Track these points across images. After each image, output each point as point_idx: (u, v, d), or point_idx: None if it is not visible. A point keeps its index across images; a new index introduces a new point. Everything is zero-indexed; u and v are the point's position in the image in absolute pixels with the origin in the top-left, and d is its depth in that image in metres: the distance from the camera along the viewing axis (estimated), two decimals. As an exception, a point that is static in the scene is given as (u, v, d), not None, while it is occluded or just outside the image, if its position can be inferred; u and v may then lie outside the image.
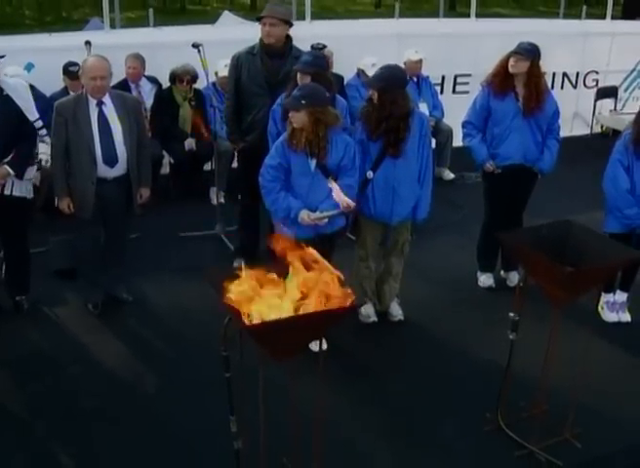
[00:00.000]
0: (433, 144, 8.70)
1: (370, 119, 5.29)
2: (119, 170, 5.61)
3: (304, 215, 5.00)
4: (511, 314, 4.34)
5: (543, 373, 4.36)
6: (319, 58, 5.54)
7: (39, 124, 5.55)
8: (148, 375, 5.13)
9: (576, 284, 4.03)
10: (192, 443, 4.41)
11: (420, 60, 8.68)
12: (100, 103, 5.51)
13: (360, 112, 5.40)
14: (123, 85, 7.79)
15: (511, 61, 5.76)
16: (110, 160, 5.54)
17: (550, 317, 4.20)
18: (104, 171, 5.55)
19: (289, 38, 6.01)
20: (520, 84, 5.83)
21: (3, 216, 5.54)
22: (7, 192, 5.48)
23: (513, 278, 6.30)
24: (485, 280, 6.38)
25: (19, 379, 5.07)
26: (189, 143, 8.02)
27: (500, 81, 5.85)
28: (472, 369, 5.22)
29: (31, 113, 5.53)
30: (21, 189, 5.56)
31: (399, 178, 5.33)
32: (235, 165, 7.39)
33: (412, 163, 5.36)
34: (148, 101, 8.07)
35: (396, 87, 5.21)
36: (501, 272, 6.43)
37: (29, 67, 7.42)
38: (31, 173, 5.66)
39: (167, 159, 8.36)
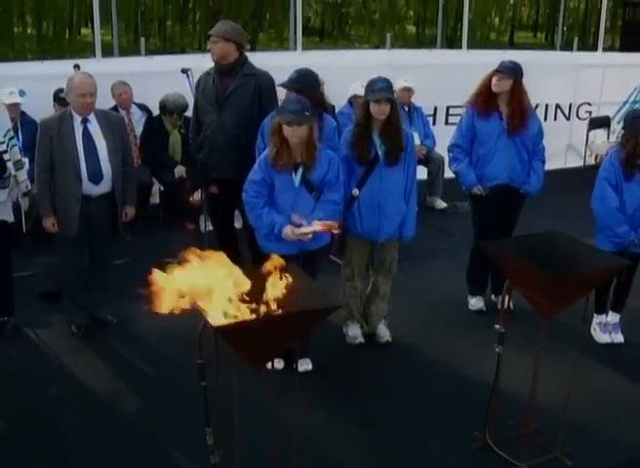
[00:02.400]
0: (425, 174, 8.84)
1: (358, 143, 5.28)
2: (104, 187, 5.58)
3: (289, 231, 4.93)
4: (497, 326, 4.26)
5: (532, 391, 4.30)
6: (305, 76, 5.52)
7: (3, 148, 5.41)
8: (130, 395, 5.05)
9: (560, 292, 3.95)
10: (171, 460, 4.33)
11: (410, 89, 8.70)
12: (84, 121, 5.50)
13: (349, 135, 5.38)
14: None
15: (494, 80, 5.77)
16: (95, 177, 5.51)
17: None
18: (89, 188, 5.52)
19: (242, 56, 6.07)
20: (503, 103, 5.82)
21: None
22: None
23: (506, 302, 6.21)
24: (475, 303, 6.29)
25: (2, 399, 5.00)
26: (179, 171, 7.98)
27: (484, 101, 5.85)
28: (461, 388, 5.12)
29: None
30: None
31: (385, 195, 5.30)
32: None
33: (398, 179, 5.34)
34: (139, 129, 8.08)
35: (392, 97, 5.29)
36: (492, 296, 6.35)
37: (22, 94, 7.42)
38: (1, 196, 5.51)
39: (157, 187, 8.32)
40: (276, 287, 3.41)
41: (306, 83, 5.44)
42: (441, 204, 9.03)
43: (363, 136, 5.29)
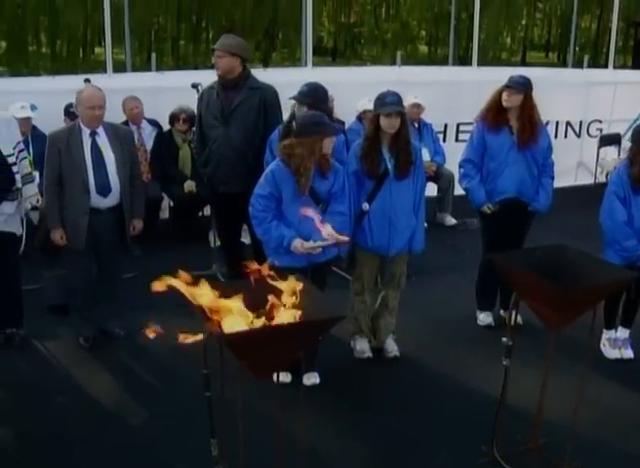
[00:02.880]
0: (435, 190, 8.83)
1: (368, 157, 5.28)
2: (112, 200, 5.59)
3: (298, 244, 4.91)
4: (504, 339, 4.24)
5: (540, 405, 4.27)
6: (316, 90, 5.54)
7: (12, 160, 5.43)
8: (135, 407, 5.05)
9: (568, 304, 3.92)
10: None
11: (420, 105, 8.71)
12: (93, 133, 5.53)
13: (358, 149, 5.38)
14: (123, 127, 7.84)
15: (505, 96, 5.77)
16: (103, 190, 5.53)
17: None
18: (98, 201, 5.54)
19: (245, 70, 6.12)
20: (514, 117, 5.81)
21: None
22: None
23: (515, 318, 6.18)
24: (484, 318, 6.26)
25: (4, 408, 5.02)
26: (189, 186, 8.00)
27: (494, 116, 5.85)
28: (468, 402, 5.09)
29: (5, 148, 5.41)
30: (0, 224, 5.49)
31: (395, 209, 5.30)
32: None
33: (408, 193, 5.34)
34: (149, 144, 8.12)
35: (403, 109, 5.31)
36: (501, 311, 6.31)
37: (33, 108, 7.48)
38: (9, 208, 5.52)
39: (166, 202, 8.35)
40: (284, 299, 3.42)
41: (317, 97, 5.47)
42: (451, 220, 9.02)
43: (373, 149, 5.28)
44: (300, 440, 3.62)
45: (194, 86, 6.80)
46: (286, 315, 3.35)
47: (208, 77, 6.53)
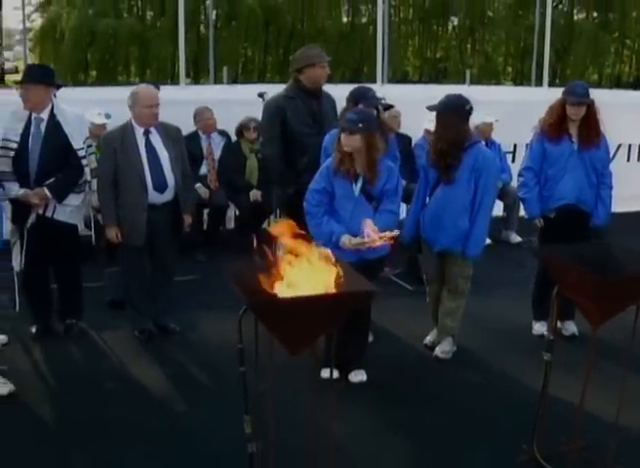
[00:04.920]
0: (501, 209, 8.79)
1: (432, 146, 5.44)
2: (168, 195, 5.77)
3: (346, 240, 5.01)
4: (545, 332, 4.20)
5: (579, 405, 4.17)
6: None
7: (82, 153, 5.67)
8: (179, 396, 5.15)
9: (608, 295, 3.86)
10: (210, 450, 4.42)
11: (492, 124, 8.72)
12: (146, 132, 5.71)
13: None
14: (193, 136, 8.08)
15: (572, 110, 5.75)
16: (160, 186, 5.70)
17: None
18: (155, 197, 5.71)
19: None
20: (574, 125, 5.80)
21: (52, 241, 5.70)
22: (48, 214, 5.64)
23: (569, 327, 6.09)
24: (539, 328, 6.17)
25: (55, 392, 5.19)
26: (254, 195, 8.15)
27: (555, 125, 5.84)
28: (515, 404, 5.04)
29: (77, 141, 5.66)
30: (65, 215, 5.70)
31: (444, 207, 5.37)
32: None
33: (459, 194, 5.36)
34: (218, 153, 8.31)
35: (449, 111, 5.31)
36: (557, 321, 6.21)
37: (107, 117, 7.74)
38: (76, 200, 5.74)
39: (232, 213, 8.52)
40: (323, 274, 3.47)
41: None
42: (516, 238, 8.95)
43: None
44: (330, 431, 3.61)
45: (260, 95, 6.96)
46: (318, 287, 3.41)
47: (276, 88, 6.65)
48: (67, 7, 27.04)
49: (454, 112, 5.30)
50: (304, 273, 3.42)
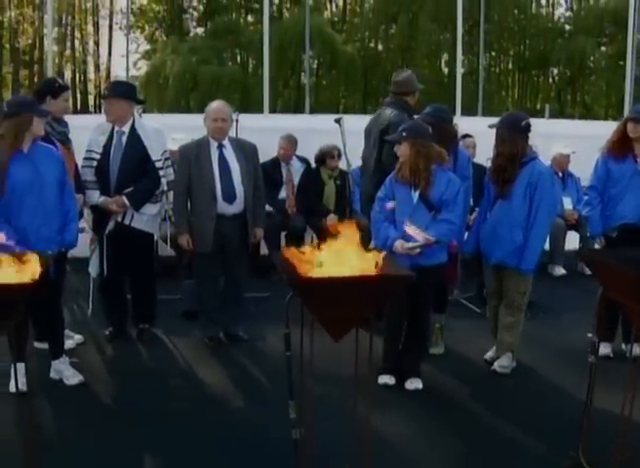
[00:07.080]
0: (577, 240, 8.78)
1: (491, 162, 5.71)
2: (237, 207, 6.03)
3: (398, 245, 5.24)
4: (589, 335, 4.24)
5: (622, 415, 4.14)
6: (440, 110, 5.93)
7: (159, 164, 6.03)
8: (238, 394, 5.37)
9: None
10: (261, 445, 4.57)
11: (568, 156, 8.79)
12: (220, 146, 6.02)
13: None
14: (274, 162, 8.42)
15: (630, 127, 5.82)
16: (229, 197, 5.98)
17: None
18: (224, 207, 5.99)
19: None
20: (639, 146, 5.85)
21: (129, 248, 6.05)
22: (126, 221, 6.00)
23: (635, 350, 6.04)
24: (602, 349, 6.09)
25: (123, 385, 5.51)
26: (331, 219, 8.38)
27: (619, 145, 5.92)
28: (563, 415, 5.05)
29: (155, 153, 6.02)
30: (142, 223, 6.04)
31: (501, 221, 5.51)
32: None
33: (515, 208, 5.50)
34: (297, 179, 8.62)
35: (507, 127, 5.48)
36: (622, 344, 6.20)
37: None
38: (152, 209, 6.09)
39: (309, 237, 8.77)
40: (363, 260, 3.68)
41: (440, 116, 5.79)
42: (560, 270, 8.89)
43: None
44: (367, 430, 3.74)
45: (337, 120, 7.20)
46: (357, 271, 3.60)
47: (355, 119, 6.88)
48: (172, 54, 28.22)
49: (510, 128, 5.47)
50: (345, 258, 3.63)
